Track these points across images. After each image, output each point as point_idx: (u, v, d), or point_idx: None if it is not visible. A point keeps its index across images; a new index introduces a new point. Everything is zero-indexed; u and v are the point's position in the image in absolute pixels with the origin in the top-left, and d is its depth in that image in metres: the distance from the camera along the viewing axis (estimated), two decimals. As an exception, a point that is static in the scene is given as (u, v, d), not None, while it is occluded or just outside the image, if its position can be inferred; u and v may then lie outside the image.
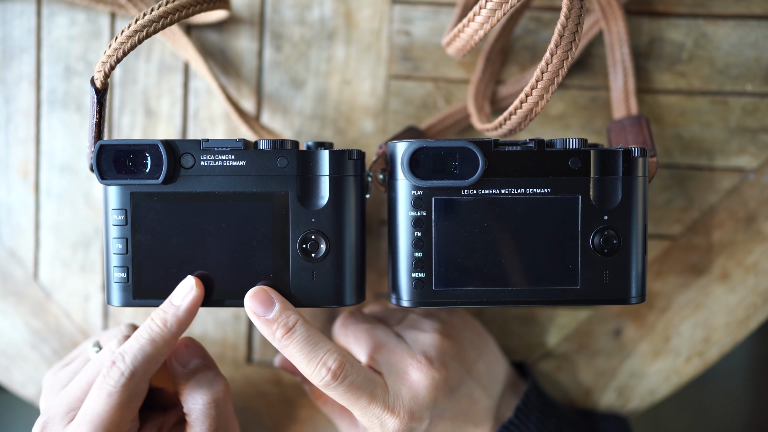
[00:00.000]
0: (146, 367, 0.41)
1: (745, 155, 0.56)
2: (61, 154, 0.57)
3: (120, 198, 0.43)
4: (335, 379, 0.42)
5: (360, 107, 0.56)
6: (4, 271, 0.58)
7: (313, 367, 0.42)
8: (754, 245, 0.56)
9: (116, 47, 0.43)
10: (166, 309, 0.42)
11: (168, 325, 0.42)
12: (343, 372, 0.42)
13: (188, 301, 0.42)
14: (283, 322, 0.42)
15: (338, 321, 0.48)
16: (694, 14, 0.55)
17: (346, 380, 0.42)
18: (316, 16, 0.56)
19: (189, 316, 0.42)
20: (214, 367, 0.45)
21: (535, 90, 0.42)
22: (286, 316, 0.42)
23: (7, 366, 0.59)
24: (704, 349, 0.57)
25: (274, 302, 0.42)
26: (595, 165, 0.43)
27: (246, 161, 0.43)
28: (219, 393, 0.44)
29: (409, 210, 0.43)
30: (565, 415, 0.52)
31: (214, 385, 0.44)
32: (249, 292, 0.43)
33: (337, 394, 0.42)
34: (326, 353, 0.42)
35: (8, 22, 0.57)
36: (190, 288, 0.42)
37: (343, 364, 0.42)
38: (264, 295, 0.42)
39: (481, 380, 0.48)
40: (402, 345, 0.45)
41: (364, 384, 0.42)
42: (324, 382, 0.42)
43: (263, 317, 0.42)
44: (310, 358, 0.42)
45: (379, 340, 0.46)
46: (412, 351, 0.45)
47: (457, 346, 0.47)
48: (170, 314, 0.42)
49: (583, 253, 0.43)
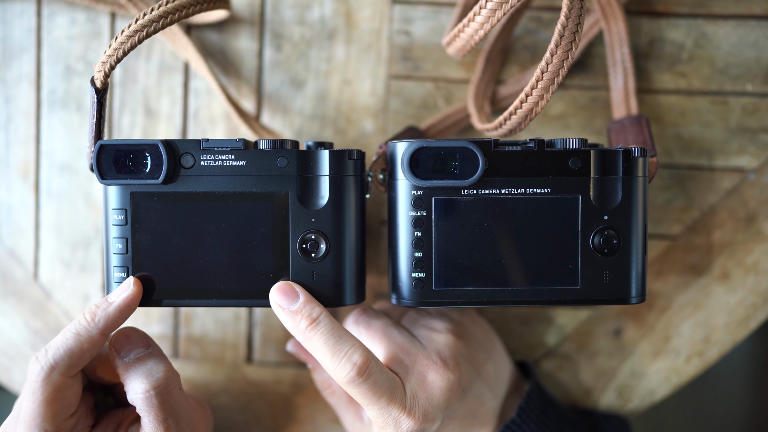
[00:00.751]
0: (68, 360, 0.41)
1: (745, 155, 0.56)
2: (61, 154, 0.57)
3: (120, 198, 0.43)
4: (360, 375, 0.41)
5: (360, 107, 0.56)
6: (4, 271, 0.58)
7: (337, 362, 0.41)
8: (754, 245, 0.56)
9: (116, 47, 0.43)
10: (99, 304, 0.42)
11: (95, 320, 0.42)
12: (368, 369, 0.41)
13: (121, 299, 0.42)
14: (307, 313, 0.42)
15: (350, 318, 0.48)
16: (694, 14, 0.55)
17: (370, 378, 0.41)
18: (316, 16, 0.56)
19: (119, 313, 0.42)
20: (158, 354, 0.44)
21: (535, 90, 0.42)
22: (310, 307, 0.42)
23: (7, 366, 0.59)
24: (704, 349, 0.57)
25: (298, 294, 0.42)
26: (595, 165, 0.43)
27: (246, 161, 0.43)
28: (159, 380, 0.42)
29: (409, 210, 0.43)
30: (566, 415, 0.52)
31: (153, 373, 0.42)
32: (274, 286, 0.43)
33: (359, 392, 0.41)
34: (351, 348, 0.41)
35: (8, 22, 0.57)
36: (126, 286, 0.43)
37: (368, 361, 0.41)
38: (288, 288, 0.43)
39: (489, 381, 0.48)
40: (417, 345, 0.45)
41: (386, 384, 0.42)
42: (348, 378, 0.41)
43: (287, 309, 0.42)
44: (335, 351, 0.41)
45: (395, 339, 0.45)
46: (428, 351, 0.44)
47: (468, 347, 0.47)
48: (101, 309, 0.42)
49: (583, 253, 0.43)
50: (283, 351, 0.58)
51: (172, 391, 0.43)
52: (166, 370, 0.43)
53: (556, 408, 0.52)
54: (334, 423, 0.58)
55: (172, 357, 0.58)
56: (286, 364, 0.58)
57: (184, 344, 0.58)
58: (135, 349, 0.43)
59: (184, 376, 0.58)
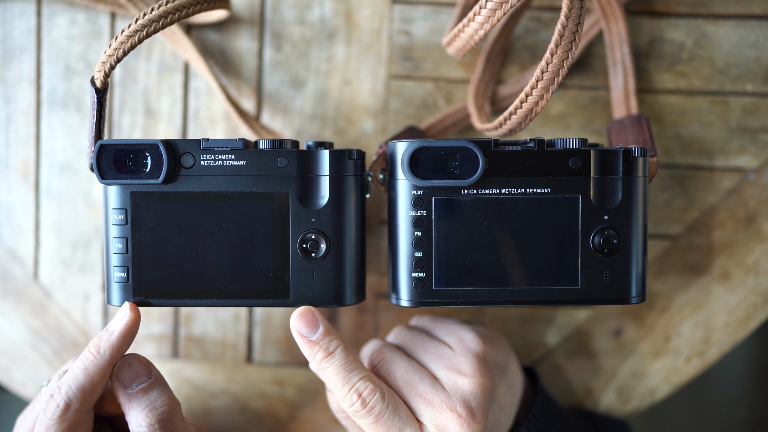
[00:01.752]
0: (81, 397, 0.41)
1: (745, 155, 0.56)
2: (61, 154, 0.57)
3: (120, 198, 0.43)
4: (364, 406, 0.41)
5: (360, 107, 0.56)
6: (4, 271, 0.58)
7: (345, 393, 0.42)
8: (754, 245, 0.56)
9: (116, 47, 0.43)
10: (101, 336, 0.42)
11: (101, 352, 0.42)
12: (372, 401, 0.41)
13: (120, 327, 0.42)
14: (324, 346, 0.42)
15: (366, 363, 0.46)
16: (694, 14, 0.55)
17: (374, 410, 0.41)
18: (316, 15, 0.56)
19: (122, 341, 0.42)
20: (160, 383, 0.43)
21: (535, 90, 0.42)
22: (328, 340, 0.43)
23: (7, 366, 0.59)
24: (704, 349, 0.57)
25: (319, 325, 0.43)
26: (596, 165, 0.43)
27: (246, 161, 0.43)
28: (162, 414, 0.42)
29: (410, 210, 0.43)
30: (569, 420, 0.52)
31: (157, 406, 0.42)
32: (296, 312, 0.43)
33: (365, 423, 0.42)
34: (360, 380, 0.42)
35: (8, 22, 0.57)
36: (124, 313, 0.43)
37: (373, 393, 0.41)
38: (310, 316, 0.43)
39: (506, 407, 0.47)
40: (439, 393, 0.43)
41: (393, 419, 0.42)
42: (353, 409, 0.42)
43: (307, 338, 0.43)
44: (344, 383, 0.42)
45: (416, 388, 0.44)
46: (452, 401, 0.43)
47: (493, 384, 0.45)
48: (104, 340, 0.42)
49: (583, 252, 0.43)
50: (283, 351, 0.58)
51: (175, 423, 0.43)
52: (168, 402, 0.43)
53: (560, 415, 0.52)
54: (334, 423, 0.58)
55: (172, 357, 0.58)
56: (286, 364, 0.58)
57: (184, 344, 0.58)
58: (138, 378, 0.43)
59: (184, 376, 0.58)
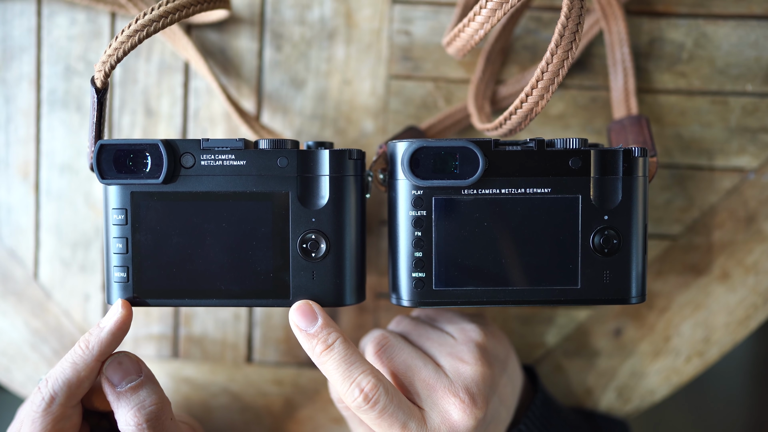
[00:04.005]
0: (67, 391, 0.41)
1: (745, 155, 0.56)
2: (61, 154, 0.57)
3: (120, 197, 0.43)
4: (367, 401, 0.41)
5: (360, 107, 0.56)
6: (4, 271, 0.58)
7: (346, 387, 0.41)
8: (754, 245, 0.56)
9: (116, 47, 0.43)
10: (92, 331, 0.42)
11: (90, 347, 0.42)
12: (376, 396, 0.41)
13: (111, 324, 0.42)
14: (323, 338, 0.42)
15: (370, 347, 0.46)
16: (694, 14, 0.55)
17: (377, 405, 0.41)
18: (316, 15, 0.56)
19: (112, 337, 0.42)
20: (150, 382, 0.43)
21: (535, 90, 0.42)
22: (327, 332, 0.42)
23: (7, 366, 0.59)
24: (704, 349, 0.57)
25: (317, 317, 0.43)
26: (596, 165, 0.43)
27: (246, 161, 0.43)
28: (151, 414, 0.42)
29: (410, 210, 0.43)
30: (569, 419, 0.52)
31: (146, 405, 0.42)
32: (294, 305, 0.43)
33: (368, 418, 0.41)
34: (361, 374, 0.41)
35: (8, 22, 0.57)
36: (115, 310, 0.43)
37: (376, 388, 0.41)
38: (308, 309, 0.43)
39: (507, 401, 0.47)
40: (442, 379, 0.43)
41: (396, 413, 0.41)
42: (356, 404, 0.41)
43: (305, 331, 0.42)
44: (345, 377, 0.41)
45: (419, 374, 0.44)
46: (455, 387, 0.43)
47: (493, 374, 0.45)
48: (93, 336, 0.42)
49: (583, 252, 0.43)
50: (283, 351, 0.58)
51: (164, 422, 0.43)
52: (157, 401, 0.42)
53: (560, 414, 0.52)
54: (334, 423, 0.58)
55: (172, 357, 0.58)
56: (286, 364, 0.58)
57: (184, 344, 0.58)
58: (127, 377, 0.43)
59: (184, 375, 0.58)
